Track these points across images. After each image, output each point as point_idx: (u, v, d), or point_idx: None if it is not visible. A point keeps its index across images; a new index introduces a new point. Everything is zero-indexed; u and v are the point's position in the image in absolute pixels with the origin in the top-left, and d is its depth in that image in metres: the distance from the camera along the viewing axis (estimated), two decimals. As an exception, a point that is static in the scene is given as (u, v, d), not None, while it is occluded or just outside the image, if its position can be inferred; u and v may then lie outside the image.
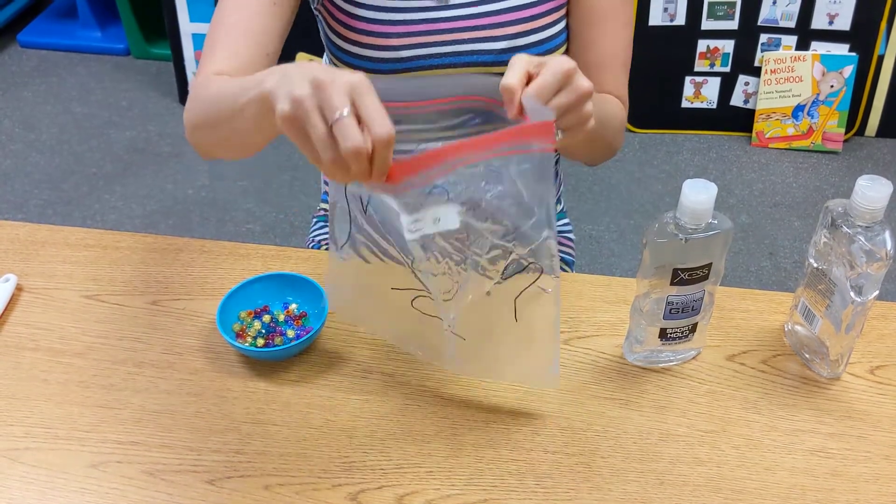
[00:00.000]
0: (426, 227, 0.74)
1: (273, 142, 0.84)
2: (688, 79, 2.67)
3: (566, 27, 1.04)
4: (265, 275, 0.98)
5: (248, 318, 0.95)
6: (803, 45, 2.56)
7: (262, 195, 2.47)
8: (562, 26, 1.03)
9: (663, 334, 0.89)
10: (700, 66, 2.65)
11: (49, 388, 0.90)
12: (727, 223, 0.83)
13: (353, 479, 0.80)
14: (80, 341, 0.95)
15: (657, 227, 0.83)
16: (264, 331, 0.94)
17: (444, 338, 0.84)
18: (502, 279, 0.80)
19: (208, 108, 0.88)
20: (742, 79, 2.65)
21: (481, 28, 1.00)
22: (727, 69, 2.64)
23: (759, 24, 2.56)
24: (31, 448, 0.83)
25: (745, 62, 2.62)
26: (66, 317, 0.98)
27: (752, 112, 2.67)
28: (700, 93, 2.69)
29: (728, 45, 2.61)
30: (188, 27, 2.68)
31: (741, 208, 2.43)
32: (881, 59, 2.56)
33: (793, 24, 2.54)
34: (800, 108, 2.61)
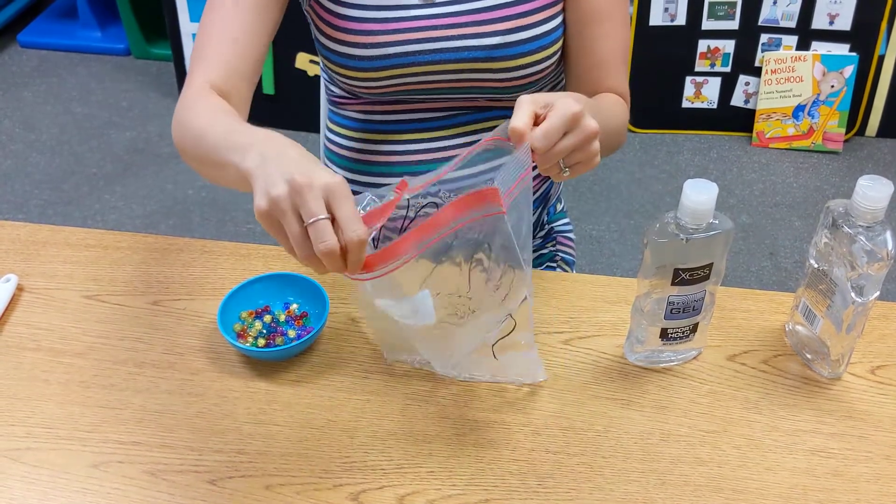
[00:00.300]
0: (402, 316, 0.79)
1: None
2: (688, 79, 2.67)
3: (563, 24, 1.04)
4: (266, 275, 0.98)
5: (249, 318, 0.95)
6: (804, 45, 2.56)
7: (262, 195, 2.47)
8: (557, 22, 1.03)
9: (664, 334, 0.89)
10: (700, 66, 2.65)
11: (50, 388, 0.90)
12: (728, 223, 0.83)
13: (355, 479, 0.80)
14: (81, 341, 0.95)
15: (658, 226, 0.83)
16: (265, 331, 0.94)
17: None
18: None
19: (193, 143, 0.90)
20: (742, 79, 2.65)
21: (471, 25, 1.00)
22: (728, 69, 2.64)
23: (759, 24, 2.56)
24: (32, 448, 0.83)
25: (745, 62, 2.62)
26: (66, 317, 0.98)
27: (753, 112, 2.67)
28: (700, 93, 2.69)
29: (728, 45, 2.61)
30: (188, 27, 2.67)
31: (742, 208, 2.43)
32: (882, 59, 2.56)
33: (793, 24, 2.54)
34: (800, 108, 2.61)
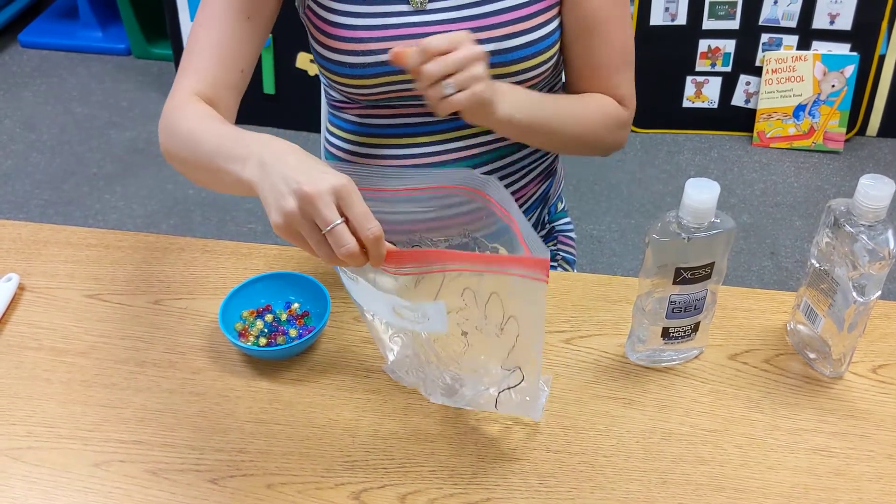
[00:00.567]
0: (414, 319, 0.78)
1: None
2: (689, 78, 2.67)
3: (558, 28, 1.03)
4: (267, 274, 0.98)
5: (251, 317, 0.95)
6: (804, 44, 2.56)
7: (263, 195, 2.47)
8: (552, 27, 1.01)
9: (666, 333, 0.89)
10: (701, 65, 2.65)
11: (51, 387, 0.90)
12: (730, 222, 0.83)
13: (356, 477, 0.80)
14: (83, 341, 0.95)
15: (660, 226, 0.83)
16: (266, 330, 0.94)
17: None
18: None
19: (183, 147, 0.91)
20: (743, 78, 2.65)
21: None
22: (728, 69, 2.64)
23: (760, 23, 2.56)
24: (33, 447, 0.83)
25: (746, 62, 2.62)
26: (68, 316, 0.98)
27: (754, 112, 2.67)
28: (701, 92, 2.69)
29: (729, 45, 2.60)
30: (189, 27, 2.66)
31: (742, 208, 2.43)
32: (882, 58, 2.56)
33: (794, 23, 2.54)
34: (801, 107, 2.61)
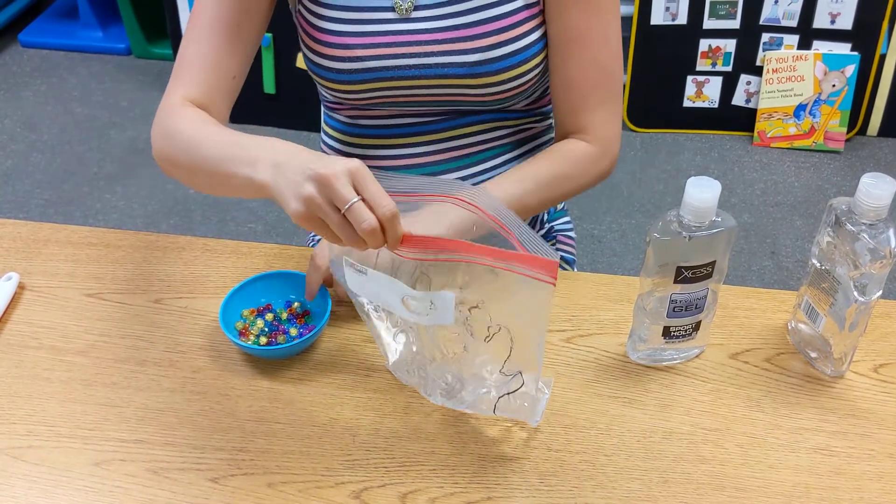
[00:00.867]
0: (421, 311, 0.78)
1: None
2: (689, 78, 2.67)
3: (544, 36, 1.01)
4: (267, 273, 0.98)
5: (251, 316, 0.95)
6: (805, 44, 2.56)
7: (263, 195, 2.47)
8: (538, 35, 1.00)
9: (667, 332, 0.89)
10: (702, 65, 2.65)
11: (52, 386, 0.90)
12: (731, 221, 0.83)
13: (357, 476, 0.80)
14: (83, 339, 0.95)
15: (661, 224, 0.83)
16: (267, 329, 0.93)
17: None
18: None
19: (184, 153, 0.92)
20: (744, 78, 2.65)
21: (450, 41, 0.98)
22: (729, 68, 2.64)
23: (760, 23, 2.55)
24: (33, 446, 0.83)
25: (746, 61, 2.62)
26: (68, 315, 0.98)
27: (754, 111, 2.67)
28: (702, 92, 2.69)
29: (730, 45, 2.60)
30: (189, 27, 2.67)
31: (743, 208, 2.43)
32: (883, 58, 2.56)
33: (794, 23, 2.54)
34: (801, 107, 2.61)
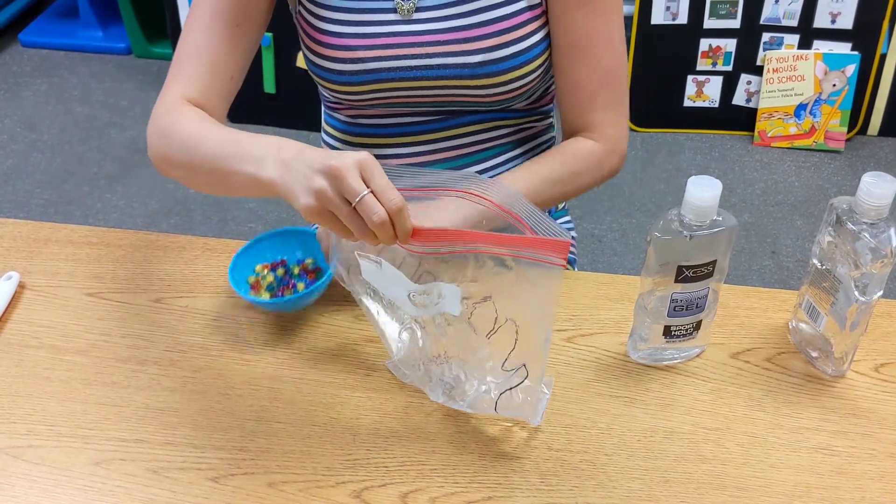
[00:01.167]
0: (429, 303, 0.79)
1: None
2: (690, 78, 2.67)
3: (547, 37, 1.01)
4: (286, 229, 0.99)
5: (264, 270, 0.97)
6: (805, 43, 2.56)
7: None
8: (541, 36, 1.00)
9: (667, 332, 0.89)
10: (702, 64, 2.65)
11: (52, 385, 0.89)
12: (732, 220, 0.83)
13: (357, 476, 0.80)
14: (83, 339, 0.95)
15: (662, 224, 0.83)
16: (276, 283, 0.95)
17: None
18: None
19: (184, 152, 0.92)
20: (744, 78, 2.65)
21: (452, 42, 0.98)
22: (729, 68, 2.64)
23: (761, 22, 2.55)
24: (34, 446, 0.83)
25: (747, 61, 2.62)
26: (68, 314, 0.98)
27: (755, 111, 2.67)
28: (702, 92, 2.69)
29: (730, 44, 2.60)
30: (190, 26, 2.67)
31: (743, 207, 2.42)
32: (883, 57, 2.56)
33: (795, 22, 2.53)
34: (802, 107, 2.61)
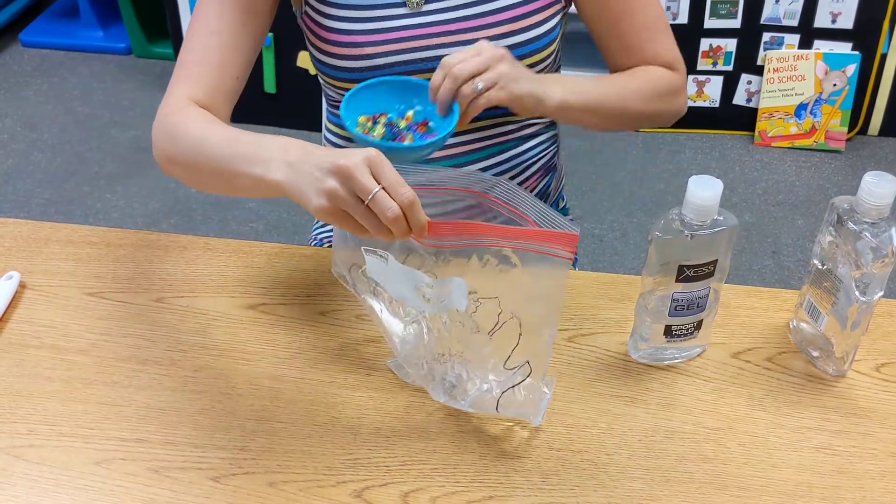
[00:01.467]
0: (435, 297, 0.79)
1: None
2: (690, 77, 2.66)
3: (557, 26, 1.02)
4: (382, 79, 0.93)
5: (367, 122, 0.91)
6: (806, 43, 2.56)
7: (264, 194, 2.47)
8: (552, 24, 1.01)
9: (668, 331, 0.89)
10: (703, 64, 2.64)
11: (52, 385, 0.89)
12: (733, 220, 0.83)
13: (358, 475, 0.80)
14: (84, 338, 0.95)
15: (663, 223, 0.83)
16: (388, 134, 0.90)
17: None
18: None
19: (190, 153, 0.92)
20: (745, 77, 2.65)
21: (461, 32, 0.99)
22: (730, 68, 2.64)
23: (761, 22, 2.55)
24: (34, 445, 0.83)
25: (747, 61, 2.62)
26: (69, 314, 0.98)
27: (755, 111, 2.66)
28: (703, 91, 2.68)
29: (731, 44, 2.60)
30: (190, 26, 2.67)
31: (744, 207, 2.42)
32: (884, 57, 2.56)
33: (795, 22, 2.53)
34: (802, 106, 2.61)
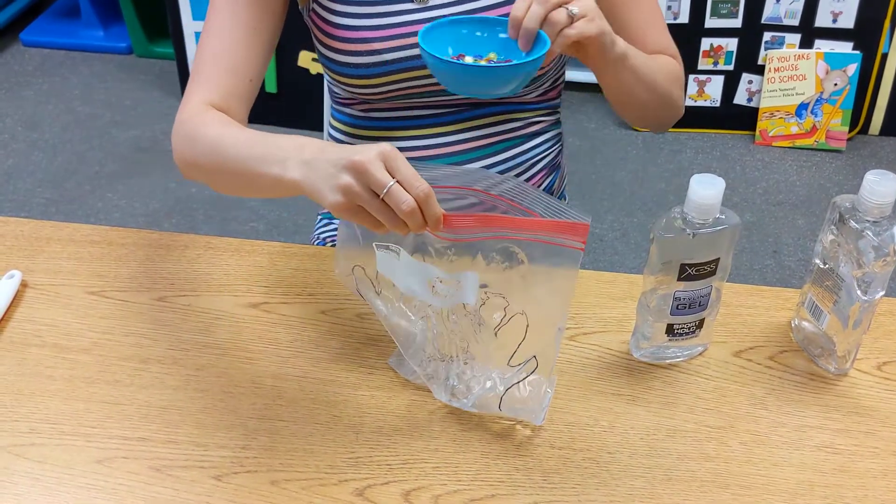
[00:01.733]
0: (447, 292, 0.79)
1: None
2: (691, 77, 2.67)
3: None
4: (448, 19, 0.89)
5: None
6: (807, 43, 2.56)
7: (265, 194, 2.47)
8: None
9: (670, 330, 0.89)
10: (703, 64, 2.65)
11: (54, 384, 0.89)
12: (735, 218, 0.83)
13: (360, 474, 0.80)
14: (86, 337, 0.95)
15: (664, 222, 0.83)
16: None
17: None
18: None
19: (209, 156, 0.93)
20: (745, 77, 2.65)
21: None
22: (731, 67, 2.64)
23: (762, 22, 2.55)
24: (36, 444, 0.83)
25: (748, 60, 2.62)
26: (71, 313, 0.98)
27: (756, 110, 2.67)
28: (703, 91, 2.69)
29: (731, 44, 2.60)
30: (191, 25, 2.67)
31: (745, 206, 2.42)
32: (885, 57, 2.56)
33: (796, 22, 2.54)
34: (803, 106, 2.61)
